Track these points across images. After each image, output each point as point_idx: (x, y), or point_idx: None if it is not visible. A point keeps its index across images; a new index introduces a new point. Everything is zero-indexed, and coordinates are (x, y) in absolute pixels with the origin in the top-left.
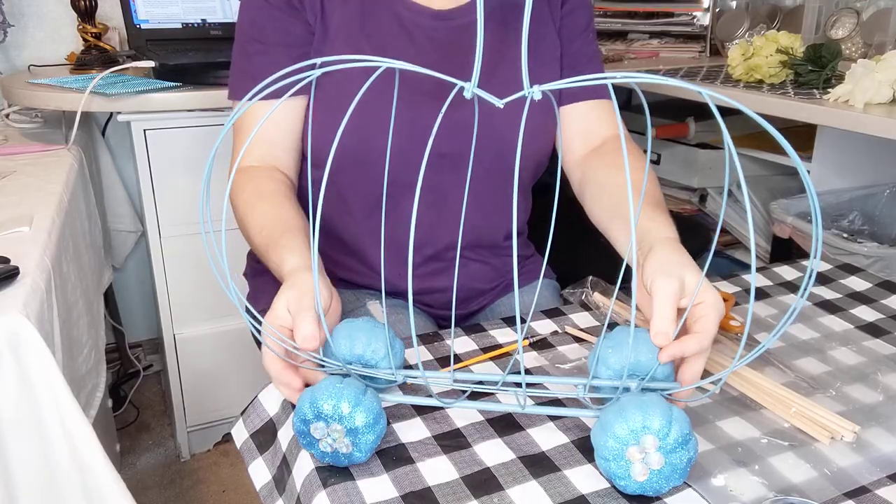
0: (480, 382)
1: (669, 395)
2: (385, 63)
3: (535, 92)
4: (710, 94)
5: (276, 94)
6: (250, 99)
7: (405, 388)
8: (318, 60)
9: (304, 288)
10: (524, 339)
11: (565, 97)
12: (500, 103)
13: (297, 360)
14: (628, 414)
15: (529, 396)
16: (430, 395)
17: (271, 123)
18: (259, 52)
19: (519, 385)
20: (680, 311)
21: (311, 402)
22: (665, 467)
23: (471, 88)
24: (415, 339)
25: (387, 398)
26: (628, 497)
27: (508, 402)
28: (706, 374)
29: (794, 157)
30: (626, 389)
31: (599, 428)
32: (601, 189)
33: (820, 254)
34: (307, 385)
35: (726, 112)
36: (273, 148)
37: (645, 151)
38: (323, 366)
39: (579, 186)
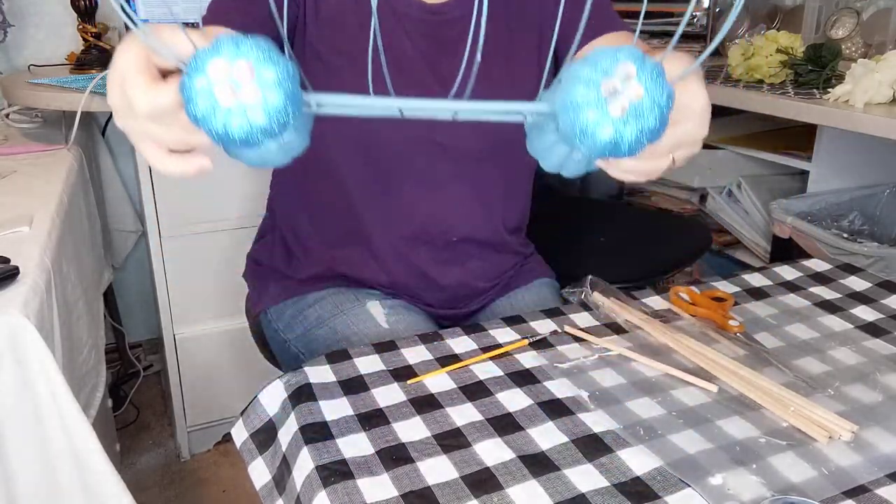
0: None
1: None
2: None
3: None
4: None
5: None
6: None
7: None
8: None
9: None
10: (524, 338)
11: (581, 40)
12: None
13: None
14: (596, 56)
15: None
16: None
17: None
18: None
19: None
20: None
21: (212, 48)
22: (645, 99)
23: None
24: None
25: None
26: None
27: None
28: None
29: None
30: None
31: (562, 87)
32: None
33: None
34: None
35: (727, 112)
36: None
37: None
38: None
39: None
